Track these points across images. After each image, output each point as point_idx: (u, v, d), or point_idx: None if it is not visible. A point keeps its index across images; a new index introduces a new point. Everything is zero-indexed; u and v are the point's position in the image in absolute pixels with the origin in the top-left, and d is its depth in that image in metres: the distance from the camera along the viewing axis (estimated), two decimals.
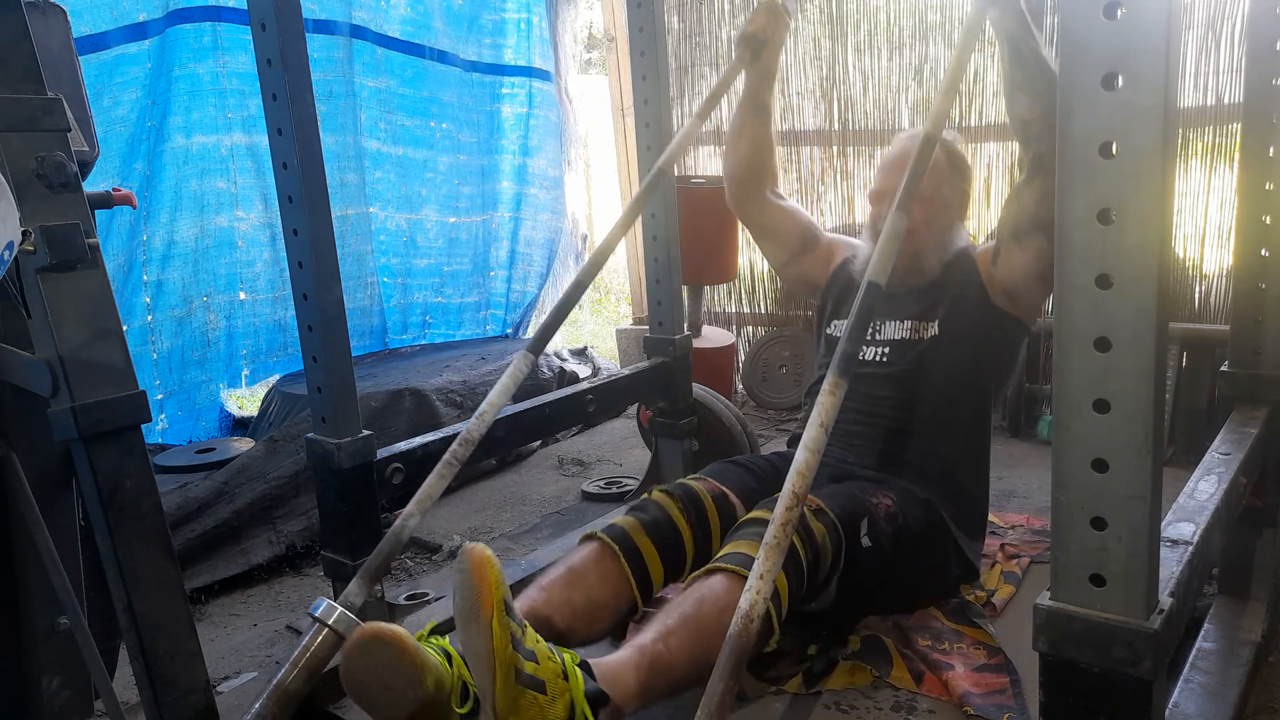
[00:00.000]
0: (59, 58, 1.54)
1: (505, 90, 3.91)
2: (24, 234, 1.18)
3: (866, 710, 1.58)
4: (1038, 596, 0.92)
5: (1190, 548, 1.10)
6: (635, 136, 2.51)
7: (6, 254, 1.13)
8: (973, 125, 3.33)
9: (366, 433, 1.80)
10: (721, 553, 1.54)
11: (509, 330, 4.14)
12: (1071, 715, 0.91)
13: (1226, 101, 2.84)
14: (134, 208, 1.94)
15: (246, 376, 3.37)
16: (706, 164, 3.93)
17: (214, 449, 2.91)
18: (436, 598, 2.12)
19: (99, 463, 1.28)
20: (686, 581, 1.52)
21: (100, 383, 1.28)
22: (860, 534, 1.65)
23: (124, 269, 2.95)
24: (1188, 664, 1.61)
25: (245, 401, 3.70)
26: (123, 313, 1.33)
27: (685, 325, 2.61)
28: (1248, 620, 1.73)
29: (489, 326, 4.08)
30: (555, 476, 3.10)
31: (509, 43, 3.86)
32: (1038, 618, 0.90)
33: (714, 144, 3.86)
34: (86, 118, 1.60)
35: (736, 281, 3.89)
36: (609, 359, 4.26)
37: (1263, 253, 1.69)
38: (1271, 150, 1.66)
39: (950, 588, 1.89)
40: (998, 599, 1.88)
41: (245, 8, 1.62)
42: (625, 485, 2.84)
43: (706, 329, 3.68)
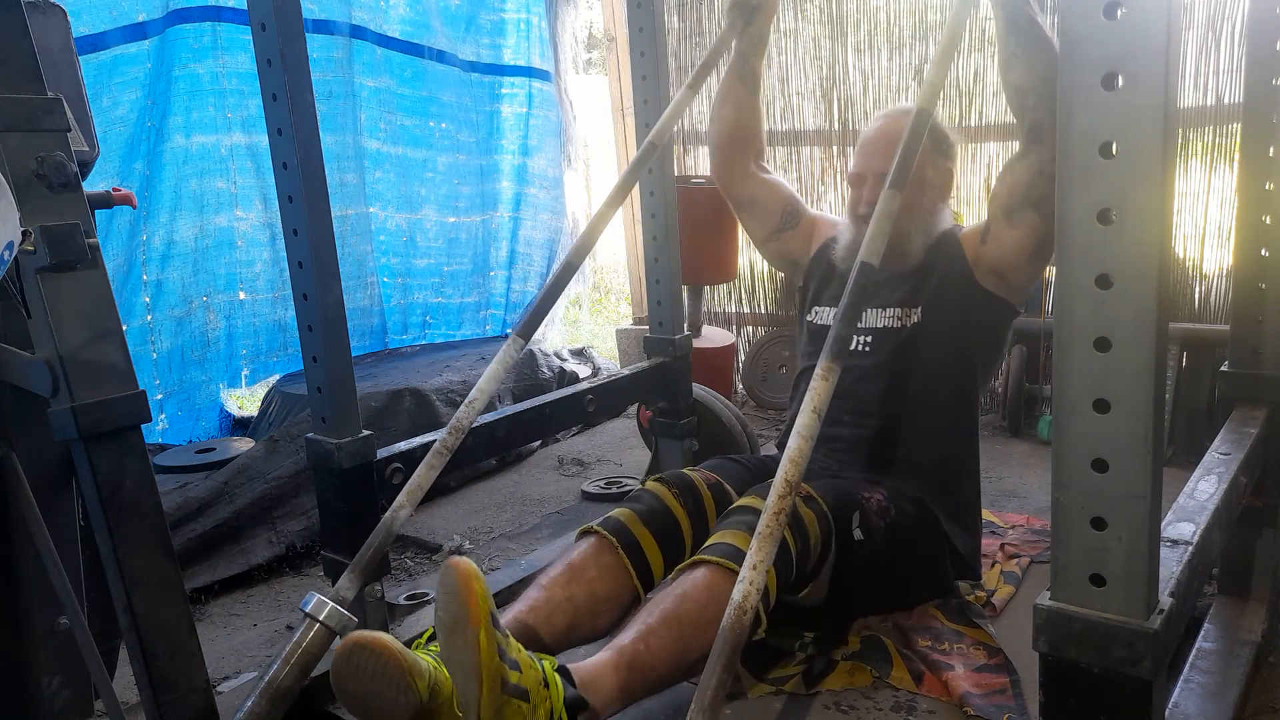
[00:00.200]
0: (59, 58, 1.54)
1: (505, 90, 3.91)
2: (24, 234, 1.18)
3: (866, 710, 1.58)
4: (1038, 596, 0.92)
5: (1190, 548, 1.10)
6: (635, 136, 2.51)
7: (6, 254, 1.13)
8: (973, 125, 3.33)
9: (366, 433, 1.80)
10: (708, 543, 1.52)
11: (509, 330, 4.15)
12: (1071, 715, 0.91)
13: (1226, 101, 2.84)
14: (134, 208, 1.94)
15: (246, 376, 3.37)
16: (707, 164, 3.92)
17: (214, 449, 2.91)
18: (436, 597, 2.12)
19: (99, 463, 1.28)
20: (674, 572, 1.51)
21: (100, 383, 1.28)
22: (852, 526, 1.65)
23: (124, 269, 2.95)
24: (1188, 664, 1.61)
25: (245, 401, 3.70)
26: (122, 313, 1.33)
27: (685, 325, 2.61)
28: (1248, 620, 1.73)
29: (489, 326, 4.08)
30: (555, 476, 3.10)
31: (508, 43, 3.86)
32: (1038, 618, 0.90)
33: None
34: (86, 118, 1.60)
35: (736, 281, 3.89)
36: (609, 359, 4.26)
37: (1263, 253, 1.69)
38: (1271, 150, 1.65)
39: (946, 583, 1.88)
40: (998, 599, 1.88)
41: (245, 8, 1.62)
42: (625, 485, 2.85)
43: (706, 329, 3.68)
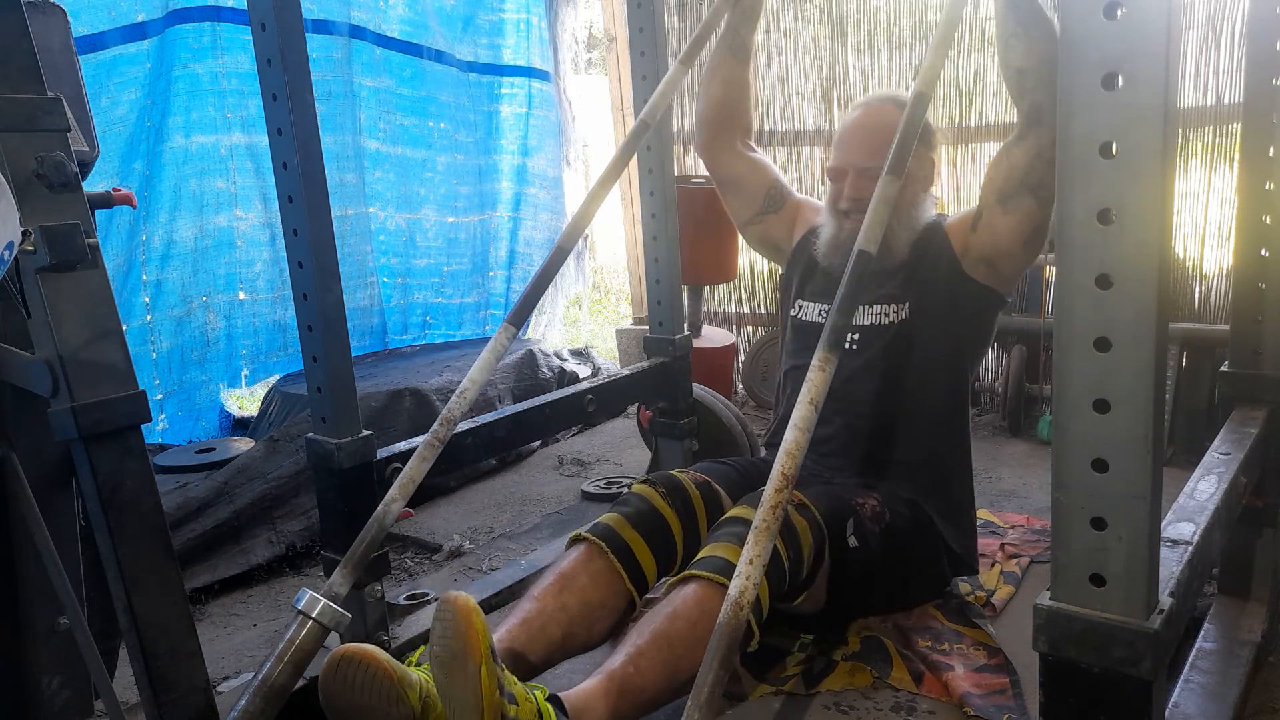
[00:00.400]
0: (59, 58, 1.54)
1: (504, 90, 3.91)
2: (24, 234, 1.18)
3: (866, 710, 1.58)
4: (1038, 596, 0.92)
5: (1190, 548, 1.10)
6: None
7: (6, 254, 1.13)
8: (973, 125, 3.33)
9: (366, 433, 1.80)
10: (698, 557, 1.50)
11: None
12: (1071, 715, 0.91)
13: (1226, 101, 2.84)
14: (134, 208, 1.94)
15: (246, 376, 3.37)
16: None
17: (214, 449, 2.91)
18: (436, 597, 2.12)
19: (99, 463, 1.28)
20: (665, 588, 1.49)
21: (100, 383, 1.28)
22: (847, 533, 1.63)
23: (123, 269, 2.95)
24: (1188, 664, 1.61)
25: (245, 401, 3.70)
26: (122, 313, 1.33)
27: (685, 325, 2.61)
28: (1248, 620, 1.73)
29: (489, 326, 4.08)
30: (555, 476, 3.10)
31: (508, 43, 3.86)
32: (1038, 618, 0.90)
33: None
34: (86, 118, 1.60)
35: (736, 281, 3.89)
36: (609, 359, 4.26)
37: (1263, 253, 1.69)
38: (1271, 150, 1.65)
39: (944, 583, 1.88)
40: (998, 599, 1.88)
41: (244, 8, 1.62)
42: (625, 485, 2.84)
43: (706, 329, 3.68)
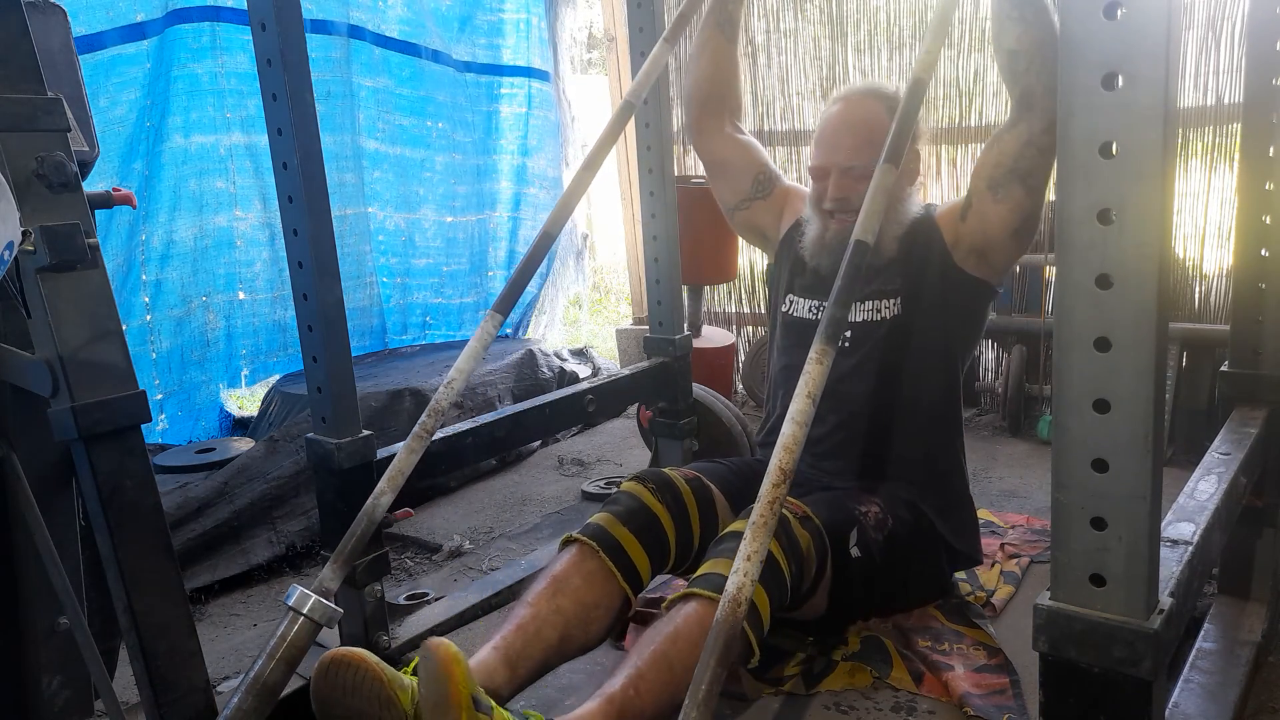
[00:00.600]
0: (59, 58, 1.54)
1: (504, 90, 3.90)
2: (24, 234, 1.18)
3: (866, 710, 1.58)
4: (1038, 596, 0.92)
5: (1190, 548, 1.10)
6: (635, 137, 2.51)
7: (6, 254, 1.13)
8: (973, 125, 3.33)
9: (366, 433, 1.80)
10: (698, 574, 1.49)
11: (509, 330, 4.14)
12: (1071, 715, 0.91)
13: (1226, 101, 2.84)
14: (134, 208, 1.94)
15: (246, 376, 3.37)
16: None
17: (214, 449, 2.91)
18: (436, 597, 2.12)
19: (99, 463, 1.28)
20: (665, 604, 1.47)
21: (100, 383, 1.28)
22: (850, 544, 1.62)
23: (123, 269, 2.95)
24: (1188, 664, 1.61)
25: (245, 401, 3.70)
26: (121, 313, 1.33)
27: (685, 325, 2.61)
28: (1248, 620, 1.73)
29: None
30: (555, 476, 3.10)
31: (508, 43, 3.86)
32: (1038, 618, 0.90)
33: None
34: (86, 118, 1.60)
35: (736, 281, 3.89)
36: (609, 359, 4.26)
37: (1263, 253, 1.69)
38: (1271, 150, 1.65)
39: (944, 583, 1.88)
40: (998, 599, 1.88)
41: (244, 8, 1.62)
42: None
43: (706, 329, 3.67)
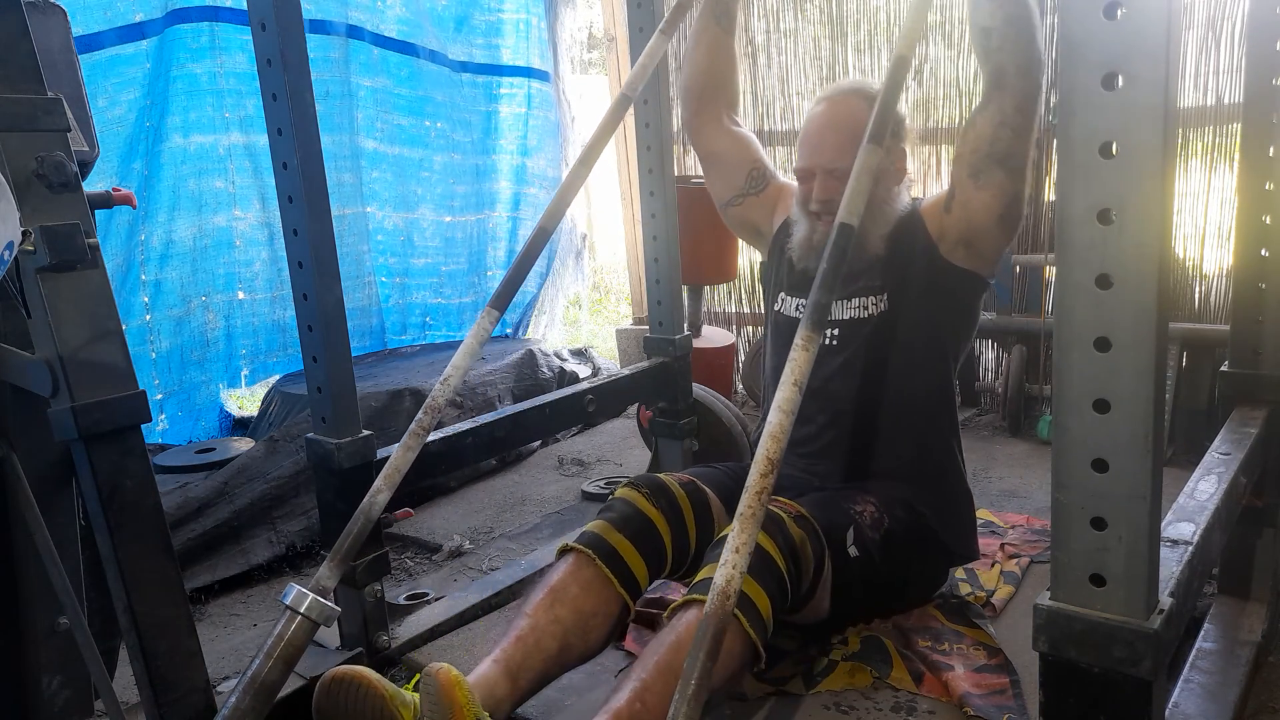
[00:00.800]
0: (59, 58, 1.54)
1: (503, 90, 3.91)
2: (24, 234, 1.18)
3: (866, 710, 1.58)
4: (1038, 596, 0.92)
5: (1190, 548, 1.10)
6: (635, 136, 2.51)
7: (6, 254, 1.13)
8: None
9: (366, 433, 1.80)
10: (696, 579, 1.48)
11: (509, 330, 4.15)
12: (1071, 715, 0.91)
13: (1226, 101, 2.84)
14: (134, 208, 1.94)
15: (246, 376, 3.37)
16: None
17: (214, 449, 2.91)
18: (437, 597, 2.12)
19: (99, 463, 1.28)
20: (666, 613, 1.46)
21: (100, 383, 1.28)
22: (847, 544, 1.62)
23: (122, 269, 2.95)
24: (1188, 664, 1.61)
25: (245, 401, 3.70)
26: (120, 313, 1.33)
27: (685, 325, 2.61)
28: (1248, 620, 1.73)
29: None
30: (555, 476, 3.10)
31: (507, 43, 3.86)
32: (1038, 618, 0.90)
33: None
34: (86, 118, 1.60)
35: (736, 281, 3.89)
36: (609, 359, 4.26)
37: (1263, 253, 1.69)
38: (1271, 150, 1.65)
39: (941, 580, 1.88)
40: (998, 599, 1.88)
41: (243, 7, 1.62)
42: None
43: (706, 329, 3.67)
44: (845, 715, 1.57)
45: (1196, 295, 2.95)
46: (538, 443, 3.34)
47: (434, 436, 1.97)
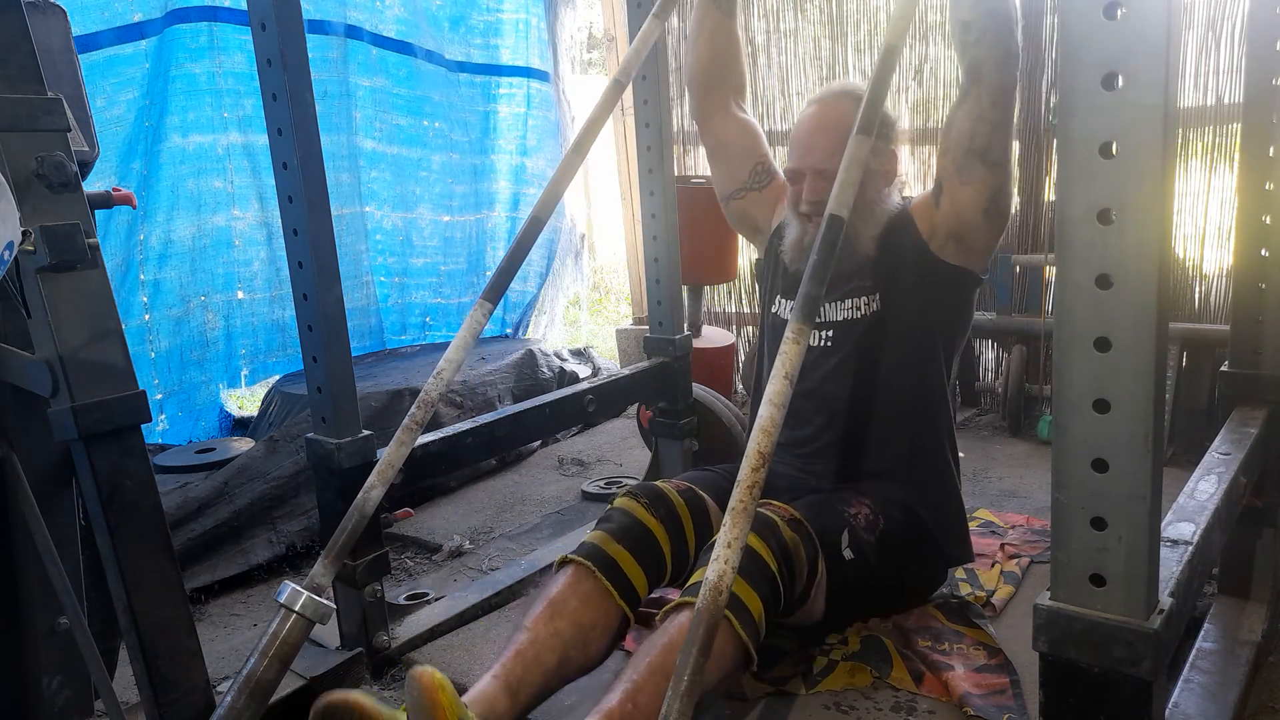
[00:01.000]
0: (59, 58, 1.54)
1: (502, 90, 3.91)
2: (24, 234, 1.18)
3: (866, 710, 1.58)
4: (1038, 596, 0.92)
5: (1190, 548, 1.10)
6: (635, 136, 2.51)
7: (6, 254, 1.13)
8: None
9: (366, 433, 1.80)
10: (690, 582, 1.48)
11: (509, 330, 4.15)
12: (1071, 715, 0.91)
13: (1226, 101, 2.84)
14: (134, 208, 1.94)
15: (246, 376, 3.37)
16: (707, 164, 3.92)
17: (214, 449, 2.91)
18: (437, 597, 2.12)
19: (99, 463, 1.28)
20: (660, 616, 1.46)
21: (100, 383, 1.28)
22: (842, 547, 1.62)
23: (121, 269, 2.95)
24: (1188, 664, 1.61)
25: (245, 401, 3.70)
26: (119, 312, 1.33)
27: (685, 325, 2.61)
28: (1248, 620, 1.73)
29: (488, 326, 4.07)
30: (555, 476, 3.10)
31: (506, 43, 3.86)
32: (1038, 618, 0.90)
33: None
34: (86, 118, 1.60)
35: (736, 281, 3.88)
36: (609, 359, 4.26)
37: (1263, 253, 1.69)
38: (1271, 150, 1.65)
39: (939, 580, 1.88)
40: (998, 599, 1.88)
41: (241, 7, 1.62)
42: (625, 485, 2.84)
43: (706, 329, 3.67)
44: (845, 715, 1.57)
45: (1196, 295, 2.95)
46: (538, 443, 3.34)
47: (434, 436, 1.97)
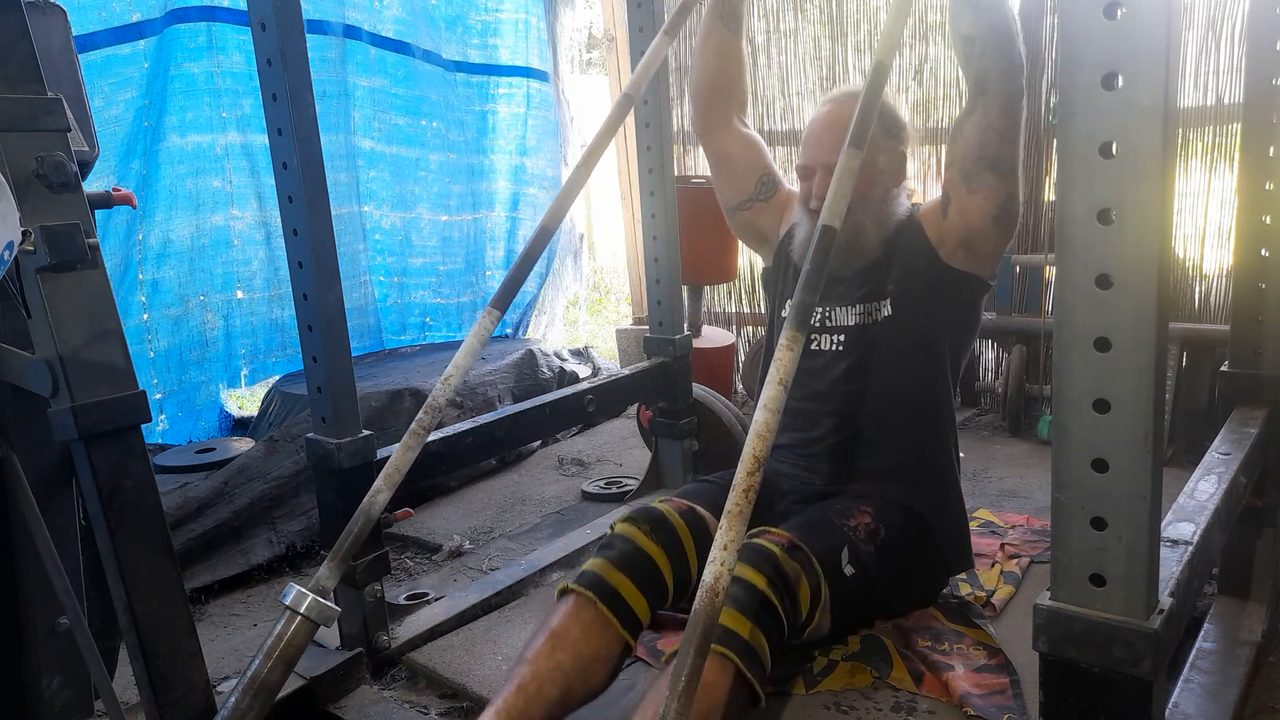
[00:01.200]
0: (59, 58, 1.54)
1: (501, 90, 3.90)
2: (24, 234, 1.18)
3: (866, 710, 1.58)
4: (1038, 596, 0.92)
5: (1190, 548, 1.10)
6: (635, 136, 2.51)
7: (6, 254, 1.13)
8: None
9: (366, 433, 1.80)
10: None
11: (509, 330, 4.15)
12: (1071, 715, 0.91)
13: (1226, 101, 2.84)
14: (134, 208, 1.94)
15: (246, 376, 3.37)
16: (707, 164, 3.92)
17: (214, 449, 2.91)
18: (437, 597, 2.12)
19: (99, 463, 1.28)
20: (664, 659, 1.44)
21: (100, 383, 1.28)
22: (842, 565, 1.61)
23: (120, 268, 2.95)
24: (1188, 664, 1.61)
25: (245, 401, 3.70)
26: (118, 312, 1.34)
27: (685, 325, 2.61)
28: (1248, 620, 1.73)
29: None
30: (555, 476, 3.10)
31: (506, 43, 3.86)
32: (1038, 618, 0.90)
33: None
34: (86, 118, 1.60)
35: (736, 281, 3.89)
36: (609, 359, 4.26)
37: (1263, 253, 1.69)
38: (1271, 150, 1.65)
39: (942, 581, 1.88)
40: (998, 599, 1.88)
41: (240, 7, 1.62)
42: (625, 485, 2.84)
43: (706, 329, 3.68)
44: (845, 715, 1.57)
45: (1196, 295, 2.95)
46: (538, 443, 3.34)
47: (434, 436, 1.97)
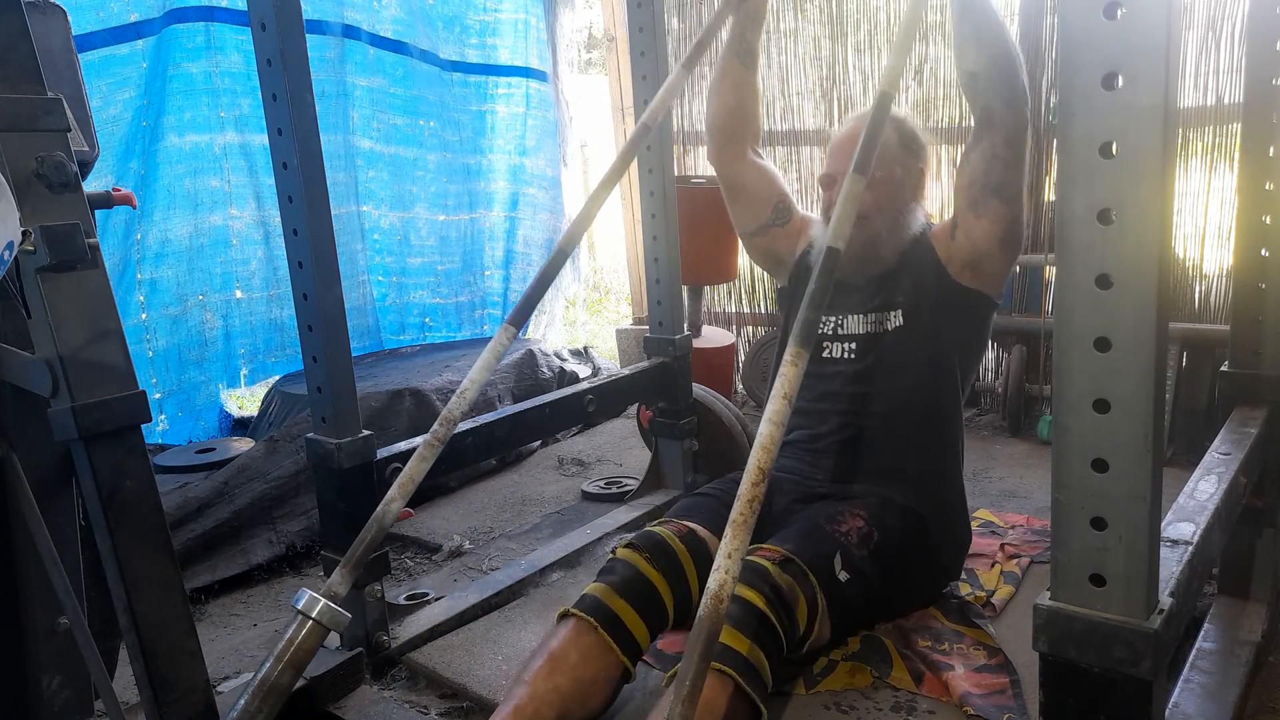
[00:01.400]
0: (59, 58, 1.54)
1: (500, 90, 3.90)
2: (24, 234, 1.18)
3: (866, 710, 1.58)
4: (1038, 596, 0.92)
5: (1190, 548, 1.10)
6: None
7: (6, 254, 1.13)
8: (973, 126, 3.32)
9: (366, 433, 1.80)
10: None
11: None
12: (1071, 715, 0.91)
13: (1226, 101, 2.84)
14: (134, 208, 1.94)
15: (245, 376, 3.37)
16: (707, 164, 3.92)
17: (214, 449, 2.91)
18: (436, 598, 2.12)
19: (99, 463, 1.28)
20: (665, 680, 1.46)
21: (100, 383, 1.28)
22: (836, 571, 1.62)
23: (119, 268, 2.95)
24: (1188, 664, 1.61)
25: (245, 401, 3.70)
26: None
27: (685, 325, 2.61)
28: (1248, 620, 1.73)
29: (486, 326, 4.07)
30: (555, 476, 3.10)
31: (505, 43, 3.86)
32: (1038, 618, 0.90)
33: None
34: (86, 118, 1.60)
35: (736, 281, 3.89)
36: (609, 359, 4.26)
37: (1263, 253, 1.69)
38: (1271, 150, 1.66)
39: (940, 578, 1.88)
40: (998, 599, 1.88)
41: (238, 7, 1.62)
42: (625, 485, 2.84)
43: (706, 329, 3.68)
44: (845, 715, 1.57)
45: (1196, 295, 2.95)
46: (538, 443, 3.34)
47: None
